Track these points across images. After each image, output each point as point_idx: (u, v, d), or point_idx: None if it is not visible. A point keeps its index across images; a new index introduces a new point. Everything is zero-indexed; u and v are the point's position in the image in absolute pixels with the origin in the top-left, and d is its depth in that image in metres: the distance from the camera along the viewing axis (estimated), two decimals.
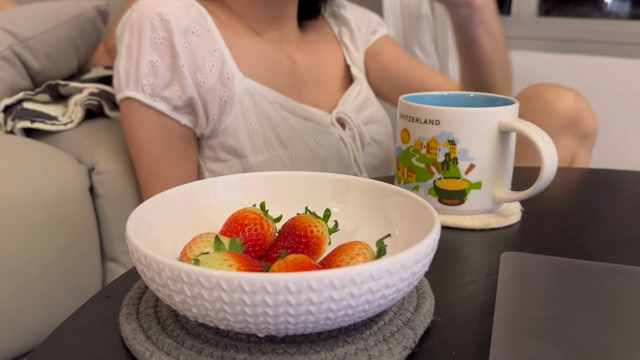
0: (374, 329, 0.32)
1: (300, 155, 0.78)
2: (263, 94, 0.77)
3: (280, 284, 0.26)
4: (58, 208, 0.75)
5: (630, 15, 1.47)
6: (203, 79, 0.72)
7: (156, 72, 0.70)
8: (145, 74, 0.70)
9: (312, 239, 0.37)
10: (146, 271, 0.30)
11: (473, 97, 0.58)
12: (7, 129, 0.86)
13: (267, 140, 0.77)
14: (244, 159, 0.76)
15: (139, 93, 0.71)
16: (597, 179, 0.67)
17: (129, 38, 0.71)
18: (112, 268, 0.84)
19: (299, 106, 0.80)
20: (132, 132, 0.74)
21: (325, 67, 0.89)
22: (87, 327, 0.34)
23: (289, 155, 0.77)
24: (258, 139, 0.76)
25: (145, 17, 0.70)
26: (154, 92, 0.71)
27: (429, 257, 0.31)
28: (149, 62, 0.70)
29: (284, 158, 0.77)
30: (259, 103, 0.76)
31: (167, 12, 0.69)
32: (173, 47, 0.70)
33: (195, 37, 0.71)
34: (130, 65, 0.71)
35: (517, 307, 0.35)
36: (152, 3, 0.70)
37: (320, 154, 0.80)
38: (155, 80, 0.70)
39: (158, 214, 0.37)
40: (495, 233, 0.50)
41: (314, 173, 0.43)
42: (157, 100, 0.71)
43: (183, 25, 0.70)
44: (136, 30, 0.70)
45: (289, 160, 0.77)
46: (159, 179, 0.75)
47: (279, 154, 0.77)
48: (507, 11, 1.54)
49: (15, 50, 0.89)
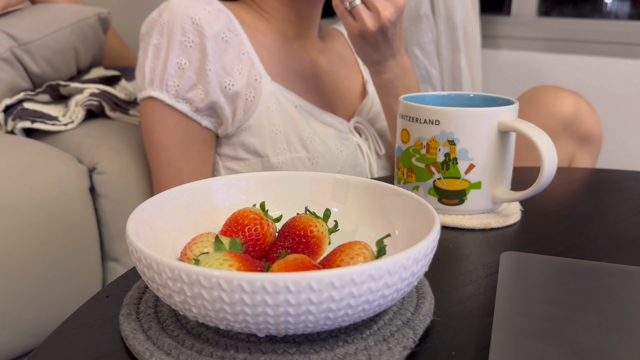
0: (374, 329, 0.32)
1: (321, 159, 0.79)
2: (288, 97, 0.78)
3: (280, 284, 0.26)
4: (58, 208, 0.75)
5: (630, 15, 1.47)
6: (232, 82, 0.73)
7: (183, 74, 0.71)
8: (171, 75, 0.71)
9: (312, 239, 0.37)
10: (146, 271, 0.30)
11: (473, 97, 0.58)
12: (8, 129, 0.87)
13: (290, 141, 0.77)
14: (265, 158, 0.77)
15: (162, 93, 0.72)
16: (597, 179, 0.67)
17: (157, 39, 0.72)
18: (113, 268, 0.84)
19: (320, 112, 0.81)
20: (152, 131, 0.75)
21: (343, 76, 0.91)
22: (87, 327, 0.34)
23: (310, 158, 0.78)
24: (281, 140, 0.77)
25: (176, 19, 0.71)
26: (178, 94, 0.72)
27: (428, 257, 0.31)
28: (176, 64, 0.71)
29: (305, 161, 0.78)
30: (284, 105, 0.77)
31: (199, 17, 0.70)
32: (203, 51, 0.71)
33: (224, 42, 0.72)
34: (157, 65, 0.72)
35: (517, 307, 0.35)
36: (183, 6, 0.71)
37: (340, 159, 0.81)
38: (181, 82, 0.72)
39: (158, 214, 0.37)
40: (495, 233, 0.50)
41: (314, 173, 0.43)
42: (180, 102, 0.73)
43: (214, 31, 0.71)
44: (166, 32, 0.71)
45: (310, 163, 0.78)
46: (176, 180, 0.76)
47: (301, 156, 0.78)
48: (507, 11, 1.54)
49: (15, 52, 0.89)
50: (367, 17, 0.69)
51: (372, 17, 0.69)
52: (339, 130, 0.83)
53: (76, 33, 0.97)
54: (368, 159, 0.85)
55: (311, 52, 0.87)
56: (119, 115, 0.91)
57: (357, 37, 0.71)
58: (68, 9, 0.99)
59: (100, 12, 1.02)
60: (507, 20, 1.53)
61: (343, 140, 0.82)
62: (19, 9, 0.96)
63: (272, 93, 0.76)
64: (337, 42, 0.95)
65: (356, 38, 0.72)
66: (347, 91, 0.90)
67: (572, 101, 0.90)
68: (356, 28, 0.70)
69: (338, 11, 0.70)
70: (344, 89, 0.89)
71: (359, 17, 0.69)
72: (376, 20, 0.69)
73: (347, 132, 0.84)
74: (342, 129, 0.83)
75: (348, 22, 0.70)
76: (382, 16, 0.68)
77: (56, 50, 0.94)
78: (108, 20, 1.05)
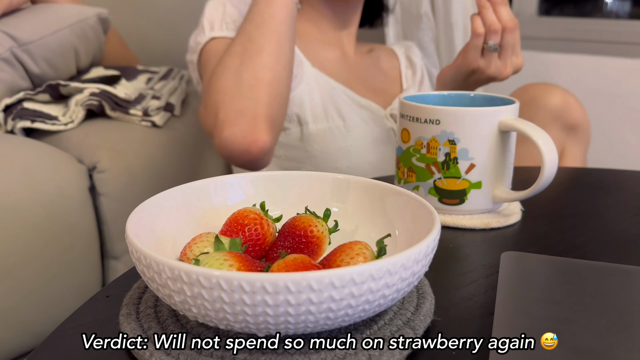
0: (374, 329, 0.32)
1: (356, 129, 0.84)
2: (327, 81, 0.85)
3: (280, 284, 0.26)
4: (58, 208, 0.75)
5: (630, 15, 1.47)
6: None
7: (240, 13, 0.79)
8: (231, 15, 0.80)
9: (312, 238, 0.37)
10: (146, 271, 0.30)
11: (473, 97, 0.58)
12: (8, 128, 0.86)
13: (327, 111, 0.84)
14: (305, 126, 0.83)
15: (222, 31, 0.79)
16: (597, 179, 0.67)
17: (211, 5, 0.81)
18: (113, 266, 0.84)
19: (357, 96, 0.87)
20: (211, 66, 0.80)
21: (378, 80, 0.95)
22: (87, 327, 0.34)
23: (346, 126, 0.84)
24: (319, 110, 0.83)
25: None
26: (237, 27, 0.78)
27: (429, 257, 0.31)
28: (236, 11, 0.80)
29: (342, 129, 0.84)
30: (323, 86, 0.84)
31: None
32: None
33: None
34: (215, 16, 0.80)
35: (517, 307, 0.35)
36: None
37: (374, 134, 0.86)
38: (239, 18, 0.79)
39: (158, 213, 0.37)
40: (495, 233, 0.50)
41: (314, 173, 0.43)
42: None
43: None
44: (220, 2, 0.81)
45: (346, 130, 0.84)
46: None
47: (338, 125, 0.84)
48: None
49: (15, 52, 0.89)
50: (495, 65, 0.73)
51: (498, 67, 0.73)
52: (374, 113, 0.88)
53: (76, 33, 0.97)
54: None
55: (346, 47, 0.93)
56: (119, 115, 0.91)
57: (473, 69, 0.74)
58: (68, 9, 0.99)
59: (100, 12, 1.02)
60: None
61: (377, 123, 0.88)
62: (19, 10, 0.96)
63: (313, 75, 0.84)
64: (385, 56, 1.00)
65: (471, 70, 0.75)
66: (379, 88, 0.94)
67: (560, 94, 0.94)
68: (478, 64, 0.74)
69: (474, 41, 0.73)
70: (377, 86, 0.94)
71: (487, 60, 0.73)
72: (499, 72, 0.74)
73: (383, 117, 0.89)
74: (378, 113, 0.88)
75: (475, 56, 0.73)
76: (505, 71, 0.74)
77: (56, 50, 0.94)
78: (108, 21, 1.05)
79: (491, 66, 0.73)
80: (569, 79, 1.38)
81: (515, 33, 0.72)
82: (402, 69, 1.00)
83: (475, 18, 0.72)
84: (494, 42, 0.72)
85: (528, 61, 1.45)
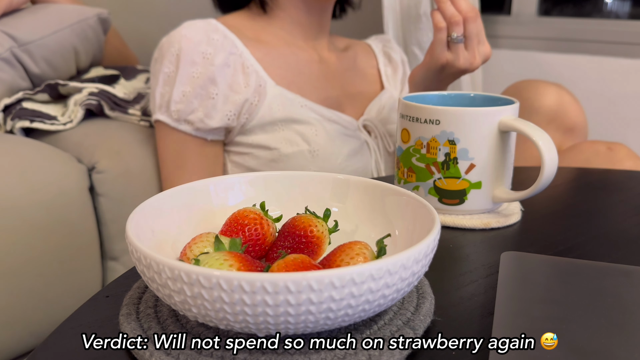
0: (374, 329, 0.32)
1: (322, 151, 0.82)
2: (292, 98, 0.82)
3: (280, 284, 0.26)
4: (58, 208, 0.75)
5: (630, 15, 1.47)
6: (240, 98, 0.79)
7: (186, 100, 0.78)
8: (175, 101, 0.78)
9: (312, 238, 0.37)
10: (146, 271, 0.30)
11: (473, 97, 0.58)
12: (7, 128, 0.86)
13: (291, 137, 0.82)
14: (274, 150, 0.82)
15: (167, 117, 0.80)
16: (597, 179, 0.67)
17: (168, 67, 0.79)
18: (113, 267, 0.84)
19: (326, 110, 0.84)
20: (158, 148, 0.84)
21: (356, 80, 0.93)
22: (87, 327, 0.34)
23: (311, 151, 0.82)
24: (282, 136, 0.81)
25: (187, 52, 0.78)
26: (180, 117, 0.79)
27: (429, 257, 0.31)
28: (181, 92, 0.78)
29: (306, 153, 0.82)
30: (287, 106, 0.82)
31: (209, 51, 0.78)
32: (211, 79, 0.78)
33: (228, 67, 0.79)
34: (166, 92, 0.79)
35: (517, 307, 0.35)
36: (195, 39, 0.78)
37: (343, 152, 0.84)
38: (183, 107, 0.78)
39: (158, 213, 0.37)
40: (495, 233, 0.50)
41: (314, 173, 0.43)
42: (182, 124, 0.79)
43: (220, 59, 0.78)
44: (175, 62, 0.78)
45: (311, 156, 0.82)
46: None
47: (302, 150, 0.82)
48: (507, 11, 1.54)
49: (15, 52, 0.89)
50: (463, 56, 0.73)
51: (467, 58, 0.73)
52: (345, 127, 0.85)
53: (76, 33, 0.96)
54: (375, 155, 0.88)
55: (321, 51, 0.91)
56: (118, 115, 0.91)
57: (442, 65, 0.74)
58: (68, 9, 0.99)
59: (100, 12, 1.02)
60: (508, 20, 1.53)
61: (348, 137, 0.85)
62: (19, 10, 0.96)
63: (276, 96, 0.81)
64: (362, 54, 0.98)
65: (440, 66, 0.74)
66: (356, 92, 0.92)
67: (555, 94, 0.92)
68: (446, 58, 0.73)
69: (437, 36, 0.73)
70: (354, 90, 0.91)
71: (455, 53, 0.73)
72: (469, 62, 0.73)
73: (355, 130, 0.87)
74: (348, 127, 0.86)
75: (441, 50, 0.73)
76: (474, 61, 0.73)
77: (56, 50, 0.94)
78: (108, 21, 1.04)
79: (459, 58, 0.72)
80: (569, 79, 1.38)
81: (477, 21, 0.72)
82: (381, 67, 0.98)
83: (435, 13, 0.72)
84: (457, 34, 0.71)
85: (528, 61, 1.46)
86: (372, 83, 0.96)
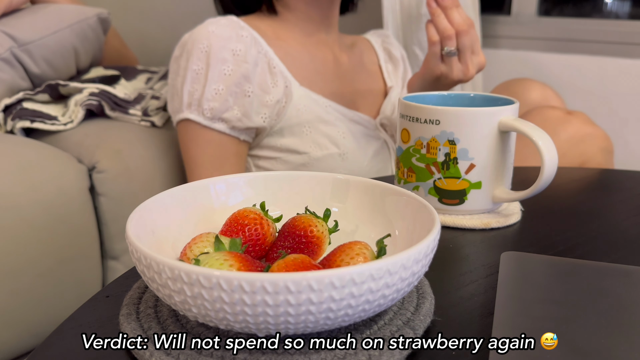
0: (374, 329, 0.32)
1: (351, 154, 0.83)
2: (316, 100, 0.82)
3: (280, 284, 0.26)
4: (58, 208, 0.75)
5: (630, 15, 1.47)
6: (272, 98, 0.78)
7: (220, 98, 0.76)
8: (208, 99, 0.76)
9: (312, 238, 0.37)
10: (146, 271, 0.30)
11: (473, 97, 0.58)
12: (7, 128, 0.86)
13: (320, 140, 0.81)
14: (298, 155, 0.81)
15: (199, 116, 0.77)
16: (597, 179, 0.67)
17: (197, 64, 0.76)
18: (113, 266, 0.84)
19: (348, 111, 0.85)
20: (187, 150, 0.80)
21: (363, 76, 0.94)
22: (87, 327, 0.34)
23: (340, 154, 0.82)
24: (311, 139, 0.81)
25: (218, 49, 0.75)
26: (214, 116, 0.77)
27: (429, 257, 0.31)
28: (214, 90, 0.76)
29: (336, 157, 0.82)
30: (313, 108, 0.81)
31: (239, 48, 0.76)
32: (247, 76, 0.76)
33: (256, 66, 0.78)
34: (196, 90, 0.77)
35: (517, 307, 0.35)
36: (225, 35, 0.76)
37: (368, 154, 0.85)
38: (217, 106, 0.76)
39: (158, 213, 0.37)
40: (495, 233, 0.50)
41: (314, 173, 0.43)
42: (216, 122, 0.77)
43: (252, 57, 0.77)
44: (205, 59, 0.76)
45: (341, 159, 0.82)
46: None
47: (332, 153, 0.82)
48: (507, 11, 1.54)
49: (15, 52, 0.89)
50: (457, 69, 0.74)
51: (460, 70, 0.74)
52: (365, 127, 0.86)
53: (76, 33, 0.97)
54: (393, 155, 0.89)
55: (333, 46, 0.91)
56: (119, 115, 0.91)
57: (437, 76, 0.75)
58: (68, 9, 0.99)
59: (100, 12, 1.02)
60: (507, 20, 1.53)
61: (370, 137, 0.86)
62: (19, 10, 0.96)
63: (301, 97, 0.81)
64: (365, 49, 0.98)
65: (435, 77, 0.75)
66: (366, 90, 0.93)
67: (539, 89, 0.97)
68: (440, 71, 0.74)
69: (432, 49, 0.73)
70: (363, 88, 0.92)
71: (448, 65, 0.74)
72: (462, 74, 0.74)
73: (374, 129, 0.88)
74: (368, 126, 0.87)
75: (435, 63, 0.74)
76: (468, 73, 0.74)
77: (56, 50, 0.94)
78: (108, 21, 1.05)
79: (453, 70, 0.73)
80: (569, 79, 1.38)
81: (470, 33, 0.72)
82: (382, 63, 0.98)
83: (428, 26, 0.73)
84: (450, 48, 0.72)
85: (528, 61, 1.46)
86: (376, 80, 0.96)
